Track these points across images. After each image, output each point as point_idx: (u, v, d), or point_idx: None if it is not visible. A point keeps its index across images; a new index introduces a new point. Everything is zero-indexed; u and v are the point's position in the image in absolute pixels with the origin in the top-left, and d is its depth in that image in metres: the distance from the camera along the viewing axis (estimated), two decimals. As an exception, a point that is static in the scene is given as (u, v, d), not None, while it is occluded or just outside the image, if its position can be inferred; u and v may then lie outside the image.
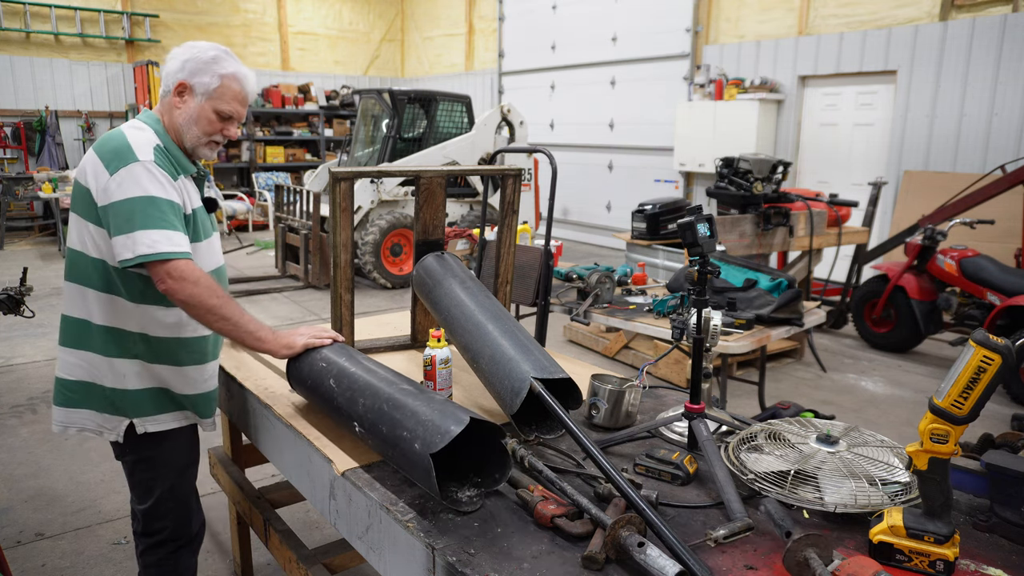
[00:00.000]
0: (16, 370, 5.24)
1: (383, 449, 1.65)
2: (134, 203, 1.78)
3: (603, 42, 10.75)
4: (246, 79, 2.00)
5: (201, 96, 1.94)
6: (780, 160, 5.65)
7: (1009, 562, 1.32)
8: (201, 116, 1.95)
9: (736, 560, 1.32)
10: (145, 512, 2.09)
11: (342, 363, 1.89)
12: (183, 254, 1.80)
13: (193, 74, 1.93)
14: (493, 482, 1.57)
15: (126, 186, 1.80)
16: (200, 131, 1.96)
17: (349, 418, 1.75)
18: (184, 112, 1.95)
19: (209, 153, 2.02)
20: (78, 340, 1.96)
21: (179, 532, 2.13)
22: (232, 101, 1.97)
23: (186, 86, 1.94)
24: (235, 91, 1.97)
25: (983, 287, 5.24)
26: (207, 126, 1.96)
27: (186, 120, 1.95)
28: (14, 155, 11.70)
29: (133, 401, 1.97)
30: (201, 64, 1.93)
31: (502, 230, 2.43)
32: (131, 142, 1.85)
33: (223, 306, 1.85)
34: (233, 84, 1.96)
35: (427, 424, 1.53)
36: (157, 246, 1.77)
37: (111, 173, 1.81)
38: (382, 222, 7.85)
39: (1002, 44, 6.62)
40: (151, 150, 1.86)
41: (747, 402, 4.71)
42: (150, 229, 1.77)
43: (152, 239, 1.77)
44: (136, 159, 1.82)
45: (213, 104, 1.95)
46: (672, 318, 1.83)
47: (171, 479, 2.08)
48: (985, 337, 1.21)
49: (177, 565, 2.15)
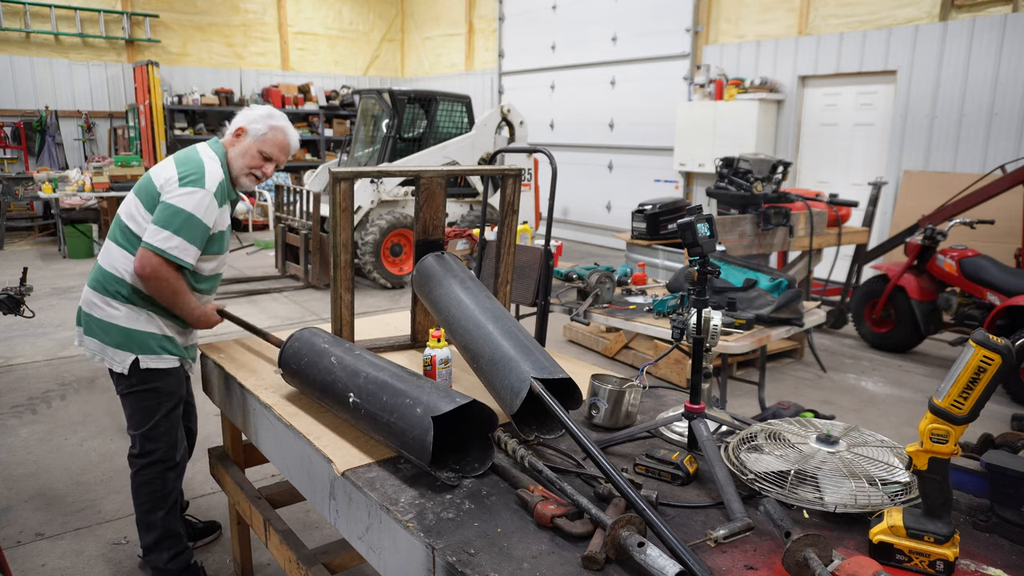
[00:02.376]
0: (16, 370, 5.24)
1: (376, 417, 1.71)
2: (182, 213, 2.34)
3: (603, 42, 10.75)
4: (289, 134, 2.59)
5: (251, 138, 2.52)
6: (780, 160, 5.65)
7: (1009, 562, 1.32)
8: (248, 152, 2.52)
9: (736, 560, 1.32)
10: (141, 436, 2.56)
11: (346, 347, 2.01)
12: (182, 263, 2.36)
13: (250, 122, 2.54)
14: (473, 469, 1.65)
15: (186, 200, 2.36)
16: (244, 164, 2.52)
17: (345, 389, 1.82)
18: (237, 148, 2.53)
19: (249, 184, 2.55)
20: (105, 289, 2.48)
21: (168, 454, 2.60)
22: (273, 147, 2.54)
23: (243, 129, 2.53)
24: (278, 140, 2.55)
25: (983, 287, 5.24)
26: (251, 160, 2.52)
27: (236, 154, 2.52)
28: (14, 155, 11.70)
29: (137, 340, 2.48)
30: (257, 116, 2.54)
31: (502, 230, 2.43)
32: (207, 172, 2.42)
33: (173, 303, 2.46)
34: (277, 134, 2.55)
35: (432, 395, 1.65)
36: (173, 249, 2.33)
37: (181, 184, 2.37)
38: (382, 222, 7.85)
39: (1002, 44, 6.62)
40: (217, 184, 2.42)
41: (747, 402, 4.70)
42: (180, 236, 2.34)
43: (176, 243, 2.33)
44: (204, 186, 2.39)
45: (259, 145, 2.52)
46: (672, 318, 1.83)
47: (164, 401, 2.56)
48: (985, 337, 1.21)
49: (166, 482, 2.61)
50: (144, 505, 2.62)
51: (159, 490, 2.61)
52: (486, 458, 1.67)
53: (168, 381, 2.55)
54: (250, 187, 2.59)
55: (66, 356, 5.53)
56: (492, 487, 1.60)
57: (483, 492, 1.58)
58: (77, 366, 5.30)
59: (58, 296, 7.34)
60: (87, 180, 9.73)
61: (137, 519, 2.66)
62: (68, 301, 7.11)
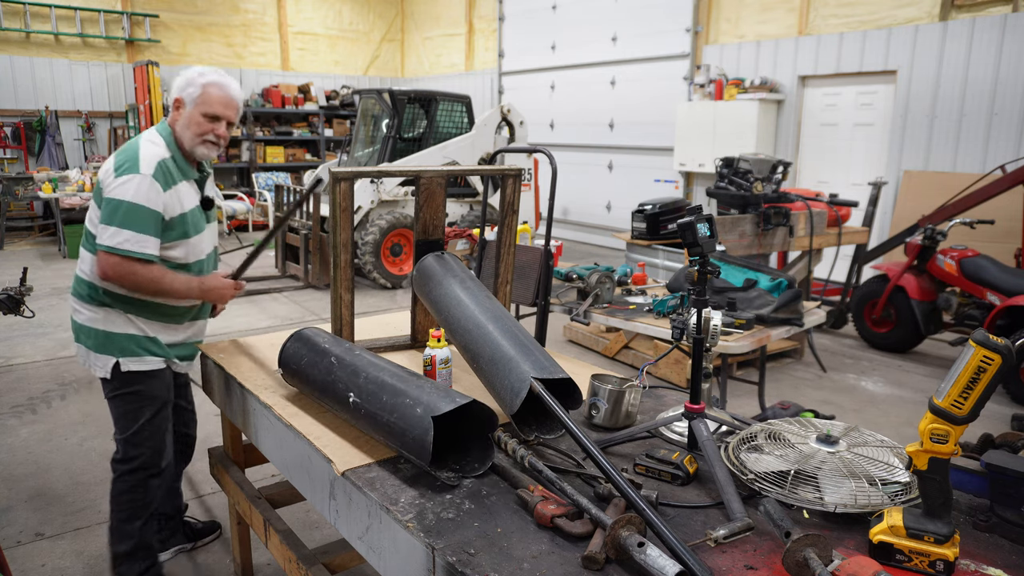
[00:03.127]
0: (16, 370, 5.24)
1: (376, 417, 1.71)
2: (122, 204, 2.22)
3: (603, 42, 10.75)
4: (226, 86, 2.39)
5: (190, 104, 2.37)
6: (780, 160, 5.65)
7: (1009, 562, 1.32)
8: (191, 120, 2.36)
9: (736, 560, 1.32)
10: (124, 441, 2.48)
11: (346, 347, 2.01)
12: (144, 255, 2.25)
13: (182, 89, 2.38)
14: (473, 469, 1.65)
15: (123, 189, 2.23)
16: (193, 133, 2.37)
17: (345, 389, 1.82)
18: (180, 120, 2.38)
19: (206, 151, 2.41)
20: (80, 294, 2.44)
21: (152, 461, 2.52)
22: (215, 105, 2.36)
23: (179, 100, 2.39)
24: (216, 96, 2.36)
25: (983, 287, 5.24)
26: (196, 128, 2.36)
27: (182, 127, 2.38)
28: (14, 155, 11.69)
29: (117, 343, 2.41)
30: (187, 81, 2.38)
31: (502, 230, 2.43)
32: (141, 155, 2.28)
33: (160, 293, 2.37)
34: (213, 90, 2.36)
35: (432, 395, 1.65)
36: (125, 244, 2.22)
37: (117, 175, 2.25)
38: (382, 222, 7.85)
39: (1002, 44, 6.62)
40: (154, 165, 2.27)
41: (747, 402, 4.70)
42: (127, 229, 2.22)
43: (124, 236, 2.22)
44: (139, 171, 2.24)
45: (199, 109, 2.35)
46: (672, 318, 1.83)
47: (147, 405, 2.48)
48: (985, 337, 1.21)
49: (147, 493, 2.53)
50: (122, 513, 2.53)
51: (140, 498, 2.53)
52: (486, 458, 1.67)
53: (151, 384, 2.48)
54: (210, 155, 2.44)
55: (66, 356, 5.53)
56: (492, 487, 1.60)
57: (483, 492, 1.58)
58: (77, 366, 5.30)
59: (58, 296, 7.34)
60: (87, 180, 9.74)
61: (112, 526, 2.56)
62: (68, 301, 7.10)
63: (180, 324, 2.54)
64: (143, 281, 2.29)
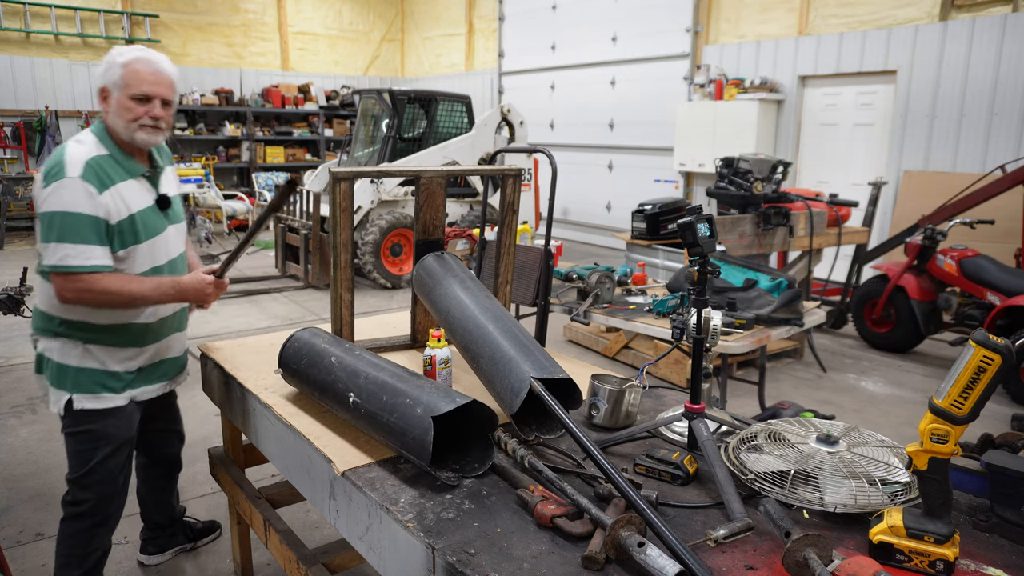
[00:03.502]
0: (16, 370, 5.24)
1: (376, 417, 1.71)
2: (54, 217, 2.00)
3: (603, 42, 10.75)
4: (150, 59, 2.15)
5: (115, 90, 2.13)
6: (780, 160, 5.65)
7: (1009, 562, 1.32)
8: (120, 106, 2.12)
9: (736, 560, 1.32)
10: (73, 482, 2.29)
11: (346, 347, 2.01)
12: (93, 268, 2.03)
13: (104, 76, 2.14)
14: (473, 469, 1.65)
15: (52, 199, 2.02)
16: (125, 120, 2.13)
17: (345, 389, 1.81)
18: (111, 111, 2.14)
19: (147, 138, 2.16)
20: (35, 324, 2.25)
21: (99, 508, 2.30)
22: (142, 83, 2.12)
23: (104, 89, 2.15)
24: (141, 73, 2.12)
25: (983, 287, 5.24)
26: (127, 114, 2.12)
27: (112, 117, 2.14)
28: (14, 155, 11.69)
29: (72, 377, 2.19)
30: (107, 66, 2.14)
31: (502, 230, 2.43)
32: (66, 158, 2.05)
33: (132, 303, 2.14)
34: (137, 67, 2.12)
35: (432, 395, 1.65)
36: (68, 260, 2.00)
37: (44, 185, 2.04)
38: (382, 222, 7.85)
39: (1002, 44, 6.62)
40: (82, 166, 2.04)
41: (747, 402, 4.70)
42: (65, 243, 2.00)
43: (64, 252, 2.00)
44: (64, 175, 2.01)
45: (125, 92, 2.11)
46: (672, 318, 1.83)
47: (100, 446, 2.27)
48: (985, 337, 1.21)
49: (91, 542, 2.33)
50: (61, 559, 2.34)
51: (80, 547, 2.31)
52: (486, 458, 1.67)
53: (107, 423, 2.25)
54: (151, 140, 2.18)
55: (66, 356, 5.53)
56: (492, 487, 1.60)
57: (483, 492, 1.58)
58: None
59: (58, 296, 7.33)
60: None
61: (54, 571, 2.36)
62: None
63: (144, 347, 2.31)
64: (106, 294, 2.07)
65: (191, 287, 2.25)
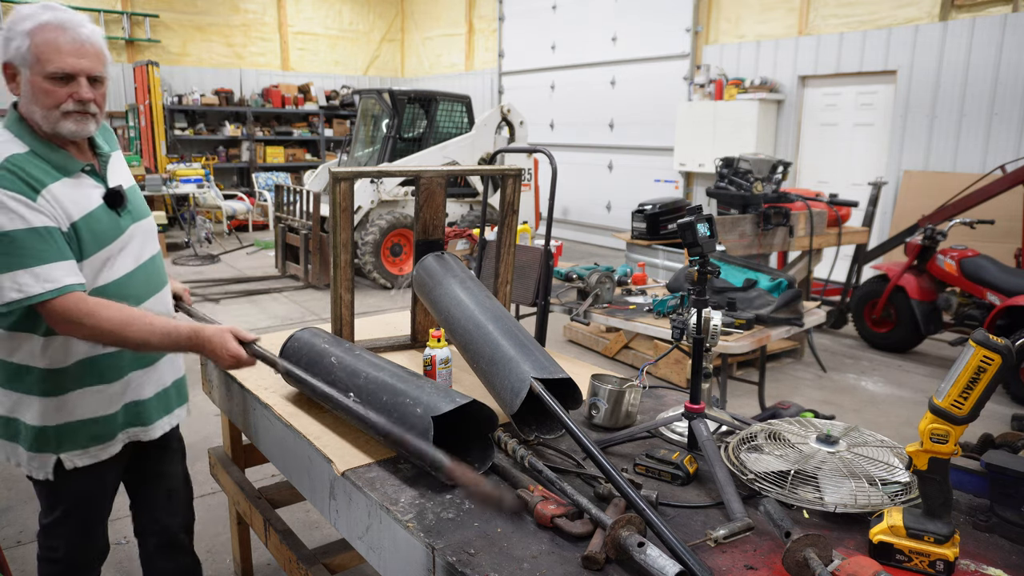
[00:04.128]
0: (16, 370, 5.23)
1: (376, 416, 1.68)
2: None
3: (603, 42, 10.75)
4: (65, 25, 1.58)
5: (24, 68, 1.59)
6: (780, 160, 5.65)
7: (1009, 562, 1.32)
8: (34, 89, 1.60)
9: (736, 560, 1.32)
10: (43, 527, 1.93)
11: (346, 347, 2.01)
12: (61, 290, 1.57)
13: (6, 47, 1.59)
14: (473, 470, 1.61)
15: None
16: (42, 108, 1.61)
17: (345, 389, 1.81)
18: (22, 95, 1.63)
19: (76, 128, 1.65)
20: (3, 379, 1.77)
21: (72, 556, 1.94)
22: (57, 56, 1.57)
23: (8, 65, 1.62)
24: (57, 44, 1.57)
25: (983, 287, 5.24)
26: (45, 98, 1.60)
27: (25, 103, 1.63)
28: (14, 155, 11.69)
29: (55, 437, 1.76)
30: (8, 32, 1.58)
31: (502, 230, 2.43)
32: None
33: (127, 333, 1.64)
34: (50, 34, 1.57)
35: (432, 395, 1.65)
36: (27, 289, 1.55)
37: None
38: (382, 222, 7.85)
39: (1002, 44, 6.62)
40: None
41: (747, 402, 4.70)
42: (15, 271, 1.55)
43: (19, 282, 1.54)
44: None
45: (38, 70, 1.58)
46: (672, 318, 1.83)
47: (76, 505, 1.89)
48: (985, 337, 1.21)
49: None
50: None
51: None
52: (486, 458, 1.67)
53: (84, 479, 1.85)
54: (81, 131, 1.66)
55: (66, 356, 5.52)
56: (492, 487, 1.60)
57: (483, 492, 1.58)
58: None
59: (58, 296, 7.32)
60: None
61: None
62: None
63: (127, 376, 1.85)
64: (81, 327, 1.61)
65: (213, 339, 1.77)
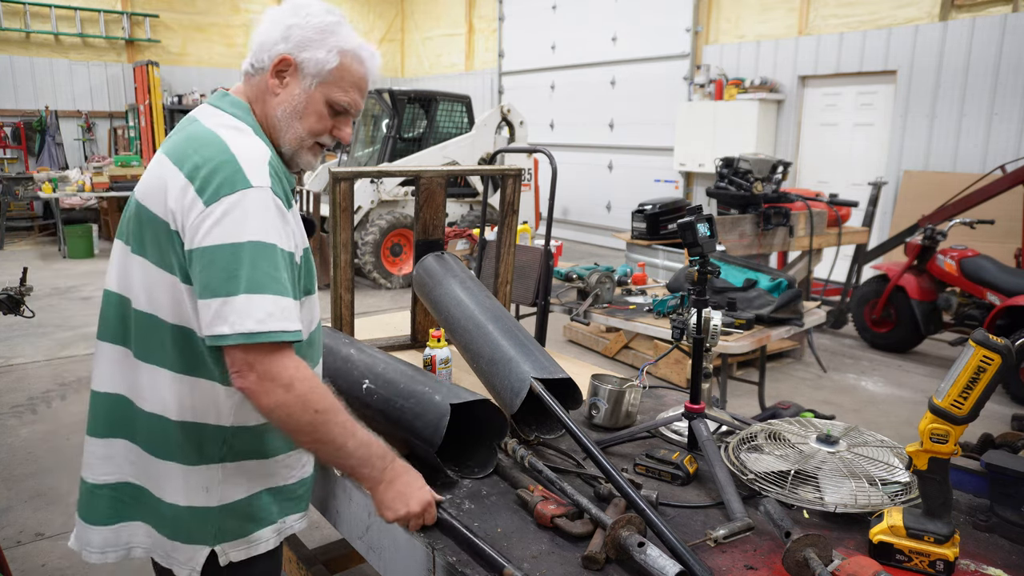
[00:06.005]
0: (16, 370, 5.24)
1: (390, 401, 1.69)
2: (239, 251, 1.20)
3: (603, 42, 10.75)
4: (372, 59, 1.44)
5: (312, 79, 1.37)
6: (780, 160, 5.65)
7: (1009, 562, 1.32)
8: (310, 108, 1.39)
9: (736, 560, 1.32)
10: None
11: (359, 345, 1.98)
12: (295, 335, 1.23)
13: (302, 47, 1.36)
14: (472, 473, 1.64)
15: (231, 224, 1.21)
16: (306, 129, 1.40)
17: (361, 376, 1.80)
18: (284, 102, 1.38)
19: (312, 161, 1.45)
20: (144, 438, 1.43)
21: None
22: (351, 89, 1.41)
23: (289, 61, 1.37)
24: (358, 75, 1.41)
25: (983, 287, 5.24)
26: (316, 123, 1.40)
27: (289, 112, 1.39)
28: (14, 155, 11.70)
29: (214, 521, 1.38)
30: (314, 33, 1.36)
31: (502, 230, 2.43)
32: (238, 154, 1.26)
33: (331, 423, 1.27)
34: (355, 65, 1.40)
35: (451, 387, 1.66)
36: (270, 322, 1.20)
37: (207, 202, 1.22)
38: (382, 222, 7.85)
39: (1002, 44, 6.62)
40: (267, 169, 1.28)
41: (747, 402, 4.70)
42: (260, 293, 1.20)
43: (266, 310, 1.20)
44: (249, 184, 1.24)
45: (326, 92, 1.39)
46: (672, 318, 1.82)
47: None
48: (985, 337, 1.21)
49: None
50: None
51: None
52: (487, 464, 1.65)
53: None
54: (315, 165, 1.48)
55: (66, 356, 5.53)
56: (492, 487, 1.60)
57: (483, 492, 1.58)
58: (77, 366, 5.30)
59: (58, 296, 7.33)
60: (87, 180, 9.75)
61: None
62: (68, 301, 7.10)
63: None
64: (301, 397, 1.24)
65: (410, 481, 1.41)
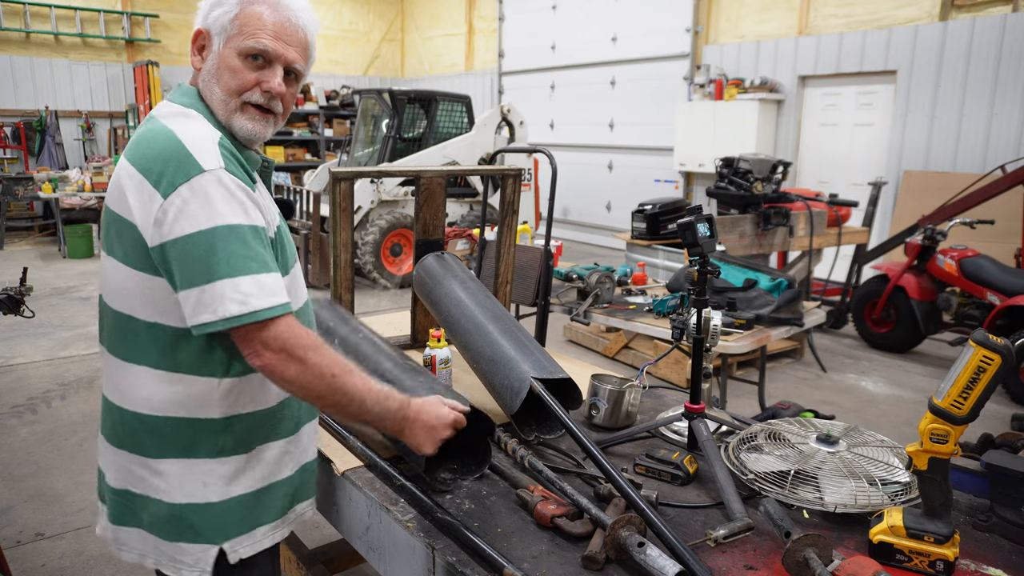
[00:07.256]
0: (16, 370, 5.24)
1: None
2: (208, 238, 1.19)
3: (603, 42, 10.75)
4: (281, 4, 1.32)
5: (218, 38, 1.30)
6: (780, 160, 5.65)
7: (1009, 562, 1.32)
8: (222, 65, 1.30)
9: (736, 560, 1.32)
10: None
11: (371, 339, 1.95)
12: (283, 307, 1.23)
13: (208, 14, 1.31)
14: (468, 472, 1.63)
15: (191, 212, 1.19)
16: (223, 89, 1.31)
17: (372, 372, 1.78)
18: (204, 71, 1.33)
19: (252, 128, 1.34)
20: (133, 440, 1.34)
21: None
22: (259, 33, 1.29)
23: (202, 32, 1.33)
24: (263, 19, 1.29)
25: (983, 287, 5.24)
26: (231, 79, 1.30)
27: (207, 79, 1.33)
28: (14, 155, 11.69)
29: (218, 517, 1.35)
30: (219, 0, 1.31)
31: (502, 230, 2.43)
32: (186, 141, 1.23)
33: (348, 382, 1.28)
34: (258, 7, 1.29)
35: (447, 391, 1.65)
36: (251, 301, 1.19)
37: (164, 194, 1.20)
38: (382, 222, 7.85)
39: (1002, 44, 6.61)
40: (216, 150, 1.25)
41: (747, 402, 4.70)
42: (237, 276, 1.19)
43: (243, 291, 1.19)
44: (200, 168, 1.21)
45: (235, 44, 1.29)
46: (672, 318, 1.83)
47: None
48: (985, 337, 1.21)
49: None
50: None
51: None
52: (482, 462, 1.65)
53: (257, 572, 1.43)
54: (256, 133, 1.35)
55: (66, 356, 5.53)
56: (492, 487, 1.60)
57: (483, 492, 1.58)
58: (77, 366, 5.30)
59: (58, 296, 7.33)
60: (87, 180, 9.75)
61: None
62: (68, 301, 7.10)
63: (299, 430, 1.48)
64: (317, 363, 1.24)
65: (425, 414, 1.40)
